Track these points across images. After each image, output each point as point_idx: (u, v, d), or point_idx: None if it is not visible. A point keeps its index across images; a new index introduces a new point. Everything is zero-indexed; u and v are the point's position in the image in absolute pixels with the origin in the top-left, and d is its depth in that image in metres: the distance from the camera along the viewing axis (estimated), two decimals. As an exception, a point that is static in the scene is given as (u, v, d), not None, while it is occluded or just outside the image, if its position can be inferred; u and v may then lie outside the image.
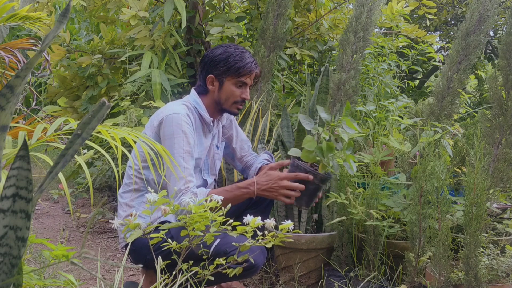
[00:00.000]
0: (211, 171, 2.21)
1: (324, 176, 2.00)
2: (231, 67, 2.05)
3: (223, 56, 2.07)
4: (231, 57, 2.06)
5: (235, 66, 2.05)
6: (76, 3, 3.46)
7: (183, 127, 1.95)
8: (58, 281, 1.26)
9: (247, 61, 2.07)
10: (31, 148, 1.23)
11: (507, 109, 2.34)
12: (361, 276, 2.13)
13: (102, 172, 3.57)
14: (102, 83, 3.67)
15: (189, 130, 1.97)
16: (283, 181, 1.98)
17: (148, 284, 2.05)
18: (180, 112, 1.98)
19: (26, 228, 0.83)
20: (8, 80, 1.69)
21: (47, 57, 2.15)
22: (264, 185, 1.99)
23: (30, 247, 2.75)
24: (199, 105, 2.08)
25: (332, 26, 3.85)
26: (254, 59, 2.12)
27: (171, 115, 1.97)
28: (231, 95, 2.07)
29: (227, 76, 2.06)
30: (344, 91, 2.89)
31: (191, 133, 1.98)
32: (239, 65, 2.05)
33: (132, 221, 1.47)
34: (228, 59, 2.05)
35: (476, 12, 2.82)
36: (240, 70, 2.05)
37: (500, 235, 2.10)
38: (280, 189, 1.98)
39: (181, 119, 1.96)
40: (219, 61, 2.06)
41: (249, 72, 2.06)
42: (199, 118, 2.08)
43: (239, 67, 2.05)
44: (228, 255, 1.67)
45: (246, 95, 2.09)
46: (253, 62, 2.10)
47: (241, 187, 1.99)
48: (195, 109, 2.07)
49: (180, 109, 2.00)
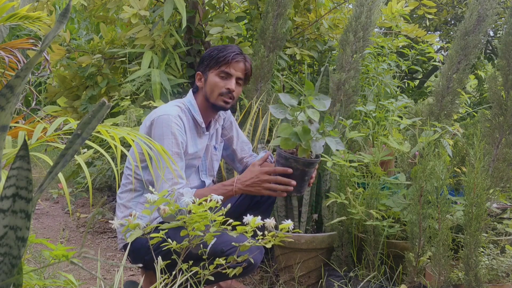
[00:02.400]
0: (209, 172, 2.21)
1: (307, 160, 1.96)
2: (212, 58, 2.07)
3: (209, 51, 2.11)
4: (214, 51, 2.09)
5: (216, 57, 2.06)
6: (76, 3, 3.46)
7: (173, 128, 1.94)
8: (58, 281, 1.26)
9: (227, 52, 2.06)
10: (31, 148, 1.22)
11: (506, 109, 2.34)
12: (361, 276, 2.13)
13: (102, 172, 3.57)
14: (102, 83, 3.67)
15: (179, 132, 1.96)
16: (264, 175, 1.95)
17: (148, 284, 2.05)
18: (171, 114, 1.98)
19: (26, 228, 0.83)
20: (8, 80, 1.69)
21: (47, 56, 2.15)
22: (247, 181, 1.96)
23: (30, 247, 2.75)
24: (192, 106, 2.08)
25: (332, 26, 3.85)
26: (238, 51, 2.10)
27: (161, 116, 1.97)
28: (214, 86, 2.05)
29: (210, 68, 2.07)
30: (344, 91, 2.89)
31: (181, 134, 1.97)
32: (219, 55, 2.06)
33: (131, 221, 1.47)
34: (212, 53, 2.09)
35: (475, 12, 2.82)
36: (219, 59, 2.05)
37: (500, 235, 2.10)
38: (262, 183, 1.95)
39: (171, 121, 1.95)
40: (205, 57, 2.11)
41: (228, 60, 2.05)
42: (193, 119, 2.08)
43: (219, 57, 2.05)
44: (224, 254, 1.67)
45: (231, 85, 2.06)
46: (236, 53, 2.07)
47: (226, 185, 1.97)
48: (188, 110, 2.07)
49: (171, 110, 2.00)
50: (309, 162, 1.97)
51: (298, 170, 1.97)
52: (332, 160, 2.25)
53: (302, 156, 1.95)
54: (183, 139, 1.99)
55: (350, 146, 2.73)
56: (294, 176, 1.97)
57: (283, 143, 1.94)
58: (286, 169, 1.94)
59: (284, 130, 1.93)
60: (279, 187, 1.95)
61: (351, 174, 2.24)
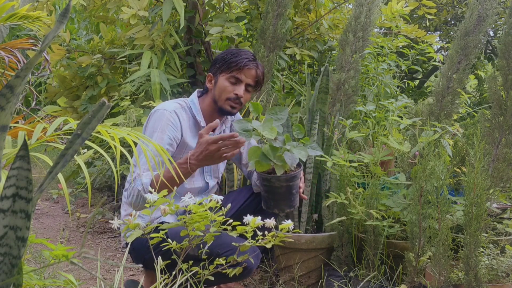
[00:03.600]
0: (214, 173, 2.19)
1: (289, 175, 1.92)
2: (225, 62, 2.07)
3: (222, 54, 2.12)
4: (228, 55, 2.09)
5: (228, 61, 2.07)
6: (76, 3, 3.45)
7: (163, 122, 1.96)
8: (58, 281, 1.26)
9: (241, 57, 2.07)
10: (31, 148, 1.22)
11: (506, 109, 2.34)
12: (361, 276, 2.13)
13: (102, 172, 3.56)
14: (102, 83, 3.67)
15: (169, 128, 1.97)
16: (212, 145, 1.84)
17: (148, 283, 2.05)
18: (166, 109, 2.00)
19: (26, 228, 0.83)
20: (8, 80, 1.69)
21: (47, 57, 2.15)
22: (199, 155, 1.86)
23: (30, 247, 2.75)
24: (194, 105, 2.09)
25: (332, 26, 3.85)
26: (251, 58, 2.09)
27: (157, 111, 2.00)
28: (223, 90, 2.06)
29: (221, 72, 2.08)
30: (344, 91, 2.89)
31: (172, 129, 1.97)
32: (231, 60, 2.06)
33: (132, 221, 1.47)
34: (225, 56, 2.09)
35: (475, 12, 2.82)
36: (231, 64, 2.06)
37: (500, 235, 2.10)
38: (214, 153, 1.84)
39: (164, 115, 1.97)
40: (218, 60, 2.11)
41: (240, 66, 2.05)
42: (193, 118, 2.08)
43: (231, 62, 2.06)
44: (220, 257, 1.67)
45: (239, 91, 2.05)
46: (248, 59, 2.07)
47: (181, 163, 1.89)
48: (190, 108, 2.08)
49: (168, 106, 2.02)
50: (291, 177, 1.93)
51: (282, 187, 1.93)
52: (332, 160, 2.25)
53: (282, 173, 1.89)
54: (175, 135, 1.98)
55: (350, 146, 2.73)
56: (281, 194, 1.94)
57: (258, 166, 1.89)
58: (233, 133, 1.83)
59: (253, 154, 1.88)
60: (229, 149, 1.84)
61: (351, 174, 2.24)
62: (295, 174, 1.94)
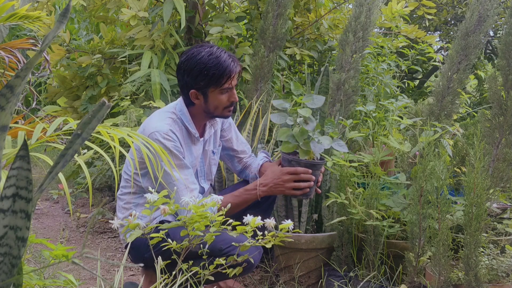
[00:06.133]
0: (207, 177, 2.21)
1: (309, 162, 1.97)
2: (210, 78, 1.94)
3: (198, 68, 1.95)
4: (206, 68, 1.93)
5: (215, 76, 1.94)
6: (76, 3, 3.45)
7: (167, 144, 1.92)
8: (58, 281, 1.26)
9: (225, 66, 1.94)
10: (31, 148, 1.22)
11: (506, 109, 2.34)
12: (361, 276, 2.13)
13: (102, 172, 3.57)
14: (102, 83, 3.67)
15: (172, 145, 1.93)
16: (286, 176, 2.00)
17: (148, 284, 2.05)
18: (161, 130, 1.94)
19: (26, 228, 0.83)
20: (8, 80, 1.69)
21: (47, 57, 2.15)
22: (270, 183, 2.01)
23: (30, 247, 2.75)
24: (184, 116, 2.03)
25: (332, 26, 3.85)
26: (231, 58, 1.98)
27: (152, 134, 1.93)
28: (219, 104, 2.00)
29: (210, 88, 1.97)
30: (344, 91, 2.89)
31: (175, 147, 1.94)
32: (217, 74, 1.93)
33: (132, 221, 1.47)
34: (204, 71, 1.93)
35: (475, 12, 2.82)
36: (220, 79, 1.94)
37: (500, 235, 2.10)
38: (285, 183, 2.00)
39: (162, 137, 1.92)
40: (196, 75, 1.95)
41: (230, 77, 1.97)
42: (185, 128, 2.04)
43: (219, 76, 1.94)
44: (222, 252, 1.68)
45: (234, 97, 2.02)
46: (231, 63, 1.96)
47: (249, 189, 2.02)
48: (181, 120, 2.03)
49: (162, 127, 1.95)
50: (311, 164, 2.00)
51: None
52: (332, 160, 2.25)
53: (304, 158, 1.96)
54: (181, 151, 1.98)
55: (350, 146, 2.73)
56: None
57: (284, 146, 1.99)
58: (307, 169, 1.98)
59: (283, 134, 1.98)
60: (302, 184, 1.99)
61: (351, 174, 2.24)
62: (316, 162, 2.02)
